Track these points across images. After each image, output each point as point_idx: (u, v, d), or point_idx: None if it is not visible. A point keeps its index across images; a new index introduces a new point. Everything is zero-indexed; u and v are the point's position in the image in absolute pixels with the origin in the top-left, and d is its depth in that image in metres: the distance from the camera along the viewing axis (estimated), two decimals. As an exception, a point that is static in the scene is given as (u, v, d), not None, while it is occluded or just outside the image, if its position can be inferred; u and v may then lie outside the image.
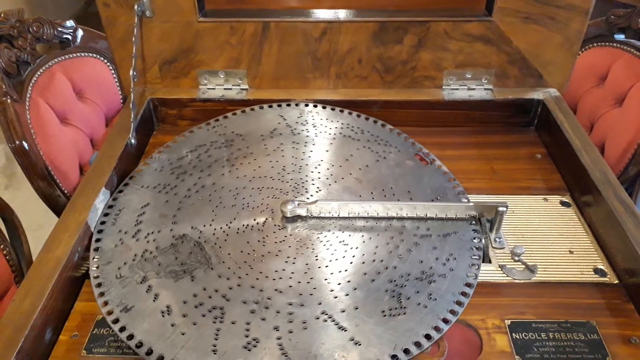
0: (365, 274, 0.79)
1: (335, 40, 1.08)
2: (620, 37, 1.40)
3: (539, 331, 0.75)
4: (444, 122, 1.12)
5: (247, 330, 0.70)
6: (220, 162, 0.99)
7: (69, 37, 1.48)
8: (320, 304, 0.74)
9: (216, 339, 0.69)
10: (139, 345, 0.69)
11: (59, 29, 1.46)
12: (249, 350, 0.68)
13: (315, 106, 1.10)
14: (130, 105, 1.01)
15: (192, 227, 0.86)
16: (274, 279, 0.78)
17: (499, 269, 0.83)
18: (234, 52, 1.09)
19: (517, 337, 0.74)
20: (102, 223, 0.87)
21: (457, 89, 1.13)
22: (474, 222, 0.86)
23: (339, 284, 0.77)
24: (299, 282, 0.78)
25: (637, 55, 1.36)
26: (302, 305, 0.74)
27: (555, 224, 0.91)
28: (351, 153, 1.01)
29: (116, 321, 0.72)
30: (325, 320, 0.72)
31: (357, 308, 0.73)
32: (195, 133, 1.05)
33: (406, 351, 0.67)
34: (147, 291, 0.76)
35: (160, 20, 1.05)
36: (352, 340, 0.69)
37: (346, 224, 0.88)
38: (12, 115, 1.27)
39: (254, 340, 0.69)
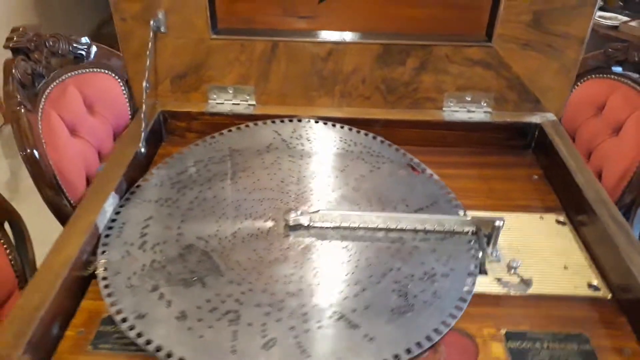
0: (371, 276, 0.82)
1: (340, 61, 1.13)
2: (618, 69, 1.44)
3: (533, 341, 0.76)
4: (443, 142, 1.16)
5: (264, 331, 0.73)
6: (220, 176, 1.02)
7: (83, 52, 1.53)
8: (331, 305, 0.77)
9: (234, 341, 0.71)
10: (159, 349, 0.70)
11: (74, 44, 1.51)
12: (268, 350, 0.70)
13: (308, 121, 1.15)
14: (142, 115, 1.05)
15: (197, 238, 0.88)
16: (284, 283, 0.81)
17: (496, 281, 0.86)
18: (243, 69, 1.14)
19: (513, 346, 0.76)
20: (107, 236, 0.88)
21: (457, 110, 1.17)
22: (471, 238, 0.89)
23: (348, 285, 0.80)
24: (309, 284, 0.81)
25: (634, 87, 1.41)
26: (315, 306, 0.77)
27: (551, 241, 0.94)
28: (346, 164, 1.06)
29: (132, 328, 0.73)
30: (339, 319, 0.75)
31: (367, 307, 0.77)
32: (192, 150, 1.09)
33: (419, 344, 0.71)
34: (159, 298, 0.77)
35: (174, 36, 1.10)
36: (366, 336, 0.72)
37: (347, 233, 0.91)
38: (25, 124, 1.31)
39: (272, 340, 0.71)
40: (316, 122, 1.15)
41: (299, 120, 1.15)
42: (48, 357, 0.73)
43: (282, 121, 1.15)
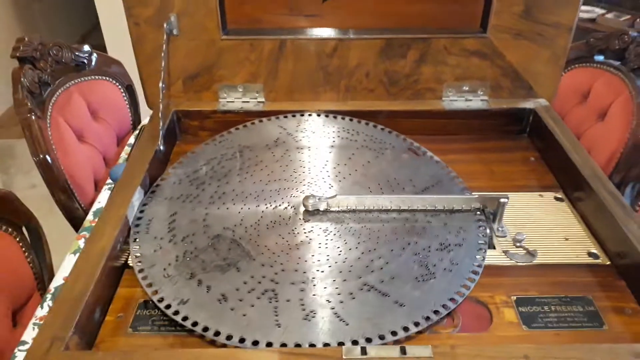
0: (392, 250, 0.89)
1: (345, 56, 1.19)
2: (600, 58, 1.52)
3: (542, 305, 0.83)
4: (445, 131, 1.23)
5: (302, 305, 0.79)
6: (234, 171, 1.08)
7: (85, 60, 1.57)
8: (360, 277, 0.84)
9: (277, 315, 0.77)
10: (206, 329, 0.75)
11: (77, 53, 1.55)
12: (309, 320, 0.76)
13: (310, 115, 1.21)
14: (159, 115, 1.10)
15: (224, 228, 0.93)
16: (313, 262, 0.87)
17: (503, 254, 0.92)
18: (253, 68, 1.19)
19: (523, 310, 0.82)
20: (137, 232, 0.92)
21: (456, 100, 1.24)
22: (479, 215, 0.96)
23: (372, 260, 0.87)
24: (336, 262, 0.87)
25: (616, 74, 1.49)
26: (345, 280, 0.83)
27: (551, 216, 1.01)
28: (352, 152, 1.12)
29: (176, 313, 0.78)
30: (369, 290, 0.82)
31: (393, 278, 0.83)
32: (204, 149, 1.13)
33: (444, 306, 0.79)
34: (198, 285, 0.82)
35: (186, 39, 1.15)
36: (397, 302, 0.79)
37: (363, 216, 0.97)
38: (36, 131, 1.35)
39: (312, 312, 0.78)
40: (318, 115, 1.21)
41: (302, 115, 1.21)
42: (92, 340, 0.78)
43: (285, 117, 1.21)
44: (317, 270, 0.85)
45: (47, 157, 1.35)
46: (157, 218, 0.95)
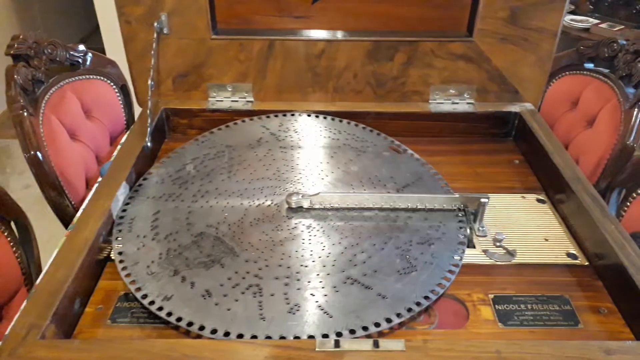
0: (374, 244, 0.90)
1: (333, 58, 1.20)
2: (590, 65, 1.54)
3: (518, 303, 0.84)
4: (431, 133, 1.24)
5: (287, 299, 0.80)
6: (218, 170, 1.08)
7: (80, 60, 1.58)
8: (343, 271, 0.85)
9: (261, 309, 0.78)
10: (190, 324, 0.76)
11: (71, 52, 1.56)
12: (294, 314, 0.77)
13: (292, 115, 1.22)
14: (148, 112, 1.11)
15: (207, 226, 0.94)
16: (297, 258, 0.88)
17: (483, 253, 0.93)
18: (242, 68, 1.21)
19: (500, 308, 0.83)
20: (119, 231, 0.92)
21: (442, 102, 1.25)
22: (459, 213, 0.97)
23: (355, 255, 0.89)
24: (319, 257, 0.88)
25: (605, 81, 1.50)
26: (329, 274, 0.85)
27: (532, 217, 1.02)
28: (334, 151, 1.14)
29: (160, 309, 0.78)
30: (352, 283, 0.83)
31: (375, 271, 0.85)
32: (186, 148, 1.14)
33: (426, 297, 0.81)
34: (182, 281, 0.83)
35: (176, 37, 1.16)
36: (379, 295, 0.81)
37: (345, 213, 0.98)
38: (28, 127, 1.36)
39: (296, 305, 0.79)
40: (300, 115, 1.22)
41: (284, 115, 1.23)
42: (71, 330, 0.78)
43: (267, 117, 1.22)
44: (301, 265, 0.86)
45: (38, 153, 1.36)
46: (139, 217, 0.96)
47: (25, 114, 1.37)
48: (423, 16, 1.18)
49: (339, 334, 0.74)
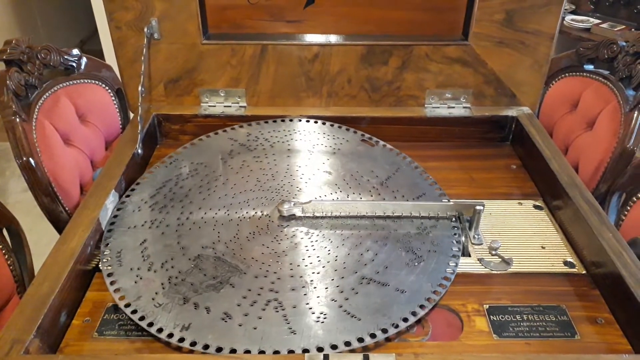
0: (377, 241, 0.91)
1: (327, 62, 1.19)
2: (590, 67, 1.52)
3: (514, 314, 0.82)
4: (426, 137, 1.22)
5: (310, 308, 0.79)
6: (195, 189, 1.04)
7: (74, 64, 1.56)
8: (356, 272, 0.85)
9: (288, 323, 0.76)
10: (219, 349, 0.72)
11: (65, 56, 1.55)
12: (323, 322, 0.76)
13: (258, 123, 1.20)
14: (138, 118, 1.10)
15: (202, 247, 0.90)
16: (306, 266, 0.87)
17: (478, 261, 0.91)
18: (234, 72, 1.19)
19: (495, 318, 0.81)
20: (109, 266, 0.86)
21: (438, 107, 1.23)
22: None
23: (361, 254, 0.90)
24: (328, 261, 0.88)
25: (605, 83, 1.48)
26: (343, 277, 0.85)
27: (529, 224, 1.00)
28: (310, 153, 1.13)
29: (182, 340, 0.74)
30: (369, 283, 0.84)
31: (386, 267, 0.87)
32: (155, 173, 1.08)
33: (441, 285, 0.83)
34: (195, 308, 0.79)
35: (167, 42, 1.15)
36: (398, 290, 0.82)
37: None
38: (20, 133, 1.34)
39: (322, 314, 0.78)
40: (266, 122, 1.20)
41: (249, 124, 1.20)
42: (57, 343, 0.77)
43: (232, 128, 1.19)
44: (313, 273, 0.85)
45: (31, 159, 1.34)
46: (126, 249, 0.90)
47: (18, 119, 1.35)
48: (417, 20, 1.16)
49: (372, 335, 0.75)
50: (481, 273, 0.89)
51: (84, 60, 1.59)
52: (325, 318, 0.77)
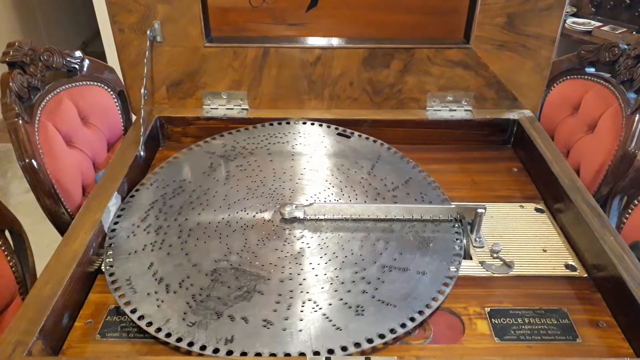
0: (383, 230, 0.96)
1: (328, 65, 1.19)
2: (591, 70, 1.52)
3: (515, 317, 0.82)
4: (428, 140, 1.22)
5: (346, 303, 0.81)
6: (186, 206, 1.01)
7: (76, 66, 1.57)
8: (375, 262, 0.89)
9: (330, 321, 0.78)
10: (273, 354, 0.73)
11: (68, 58, 1.56)
12: (363, 315, 0.79)
13: (230, 133, 1.20)
14: (141, 120, 1.10)
15: (215, 261, 0.89)
16: (326, 263, 0.89)
17: (479, 264, 0.91)
18: (236, 75, 1.20)
19: (496, 321, 0.81)
20: (121, 296, 0.82)
21: (440, 109, 1.23)
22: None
23: (373, 244, 0.93)
24: (345, 256, 0.90)
25: (606, 85, 1.48)
26: (365, 269, 0.87)
27: (530, 227, 1.00)
28: (291, 154, 1.14)
29: (230, 353, 0.73)
30: (391, 270, 0.87)
31: (401, 253, 0.90)
32: (137, 197, 1.03)
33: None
34: (231, 320, 0.78)
35: (170, 45, 1.15)
36: (419, 272, 0.86)
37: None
38: (23, 135, 1.35)
39: (359, 307, 0.80)
40: (238, 131, 1.20)
41: (222, 136, 1.19)
42: (59, 345, 0.77)
43: (206, 141, 1.18)
44: (335, 269, 0.87)
45: (33, 161, 1.35)
46: (135, 275, 0.86)
47: (20, 121, 1.36)
48: (419, 23, 1.16)
49: (412, 319, 0.78)
50: (483, 276, 0.89)
51: (86, 62, 1.60)
52: (363, 311, 0.80)
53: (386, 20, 1.16)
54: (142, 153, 1.09)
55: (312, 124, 1.21)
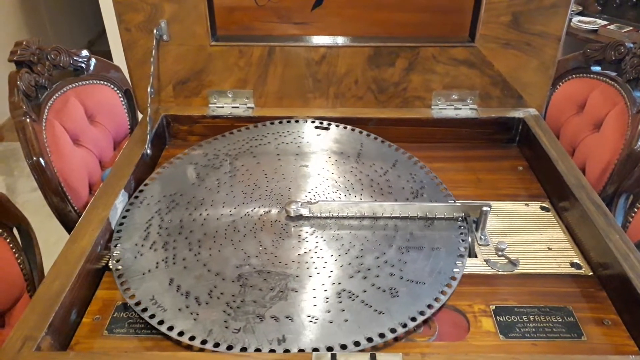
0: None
1: (334, 64, 1.19)
2: (597, 68, 1.51)
3: (520, 314, 0.82)
4: (433, 138, 1.23)
5: (379, 287, 0.84)
6: (187, 219, 0.98)
7: (83, 65, 1.58)
8: (392, 245, 0.92)
9: (370, 306, 0.81)
10: (330, 349, 0.74)
11: (75, 57, 1.56)
12: (397, 296, 0.82)
13: (215, 138, 1.19)
14: (147, 119, 1.11)
15: (236, 267, 0.88)
16: (346, 253, 0.91)
17: (484, 262, 0.91)
18: (242, 74, 1.20)
19: (501, 319, 0.81)
20: (152, 317, 0.79)
21: (445, 108, 1.24)
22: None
23: (384, 229, 0.96)
24: (362, 243, 0.93)
25: (612, 84, 1.48)
26: (384, 253, 0.91)
27: (536, 226, 1.00)
28: (277, 155, 1.15)
29: (287, 351, 0.74)
30: (408, 251, 0.91)
31: (412, 234, 0.95)
32: (129, 217, 0.99)
33: (429, 306, 0.82)
34: (276, 320, 0.78)
35: (176, 44, 1.16)
36: (433, 249, 0.91)
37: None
38: (30, 133, 1.36)
39: (392, 289, 0.84)
40: (215, 139, 1.19)
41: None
42: (67, 341, 0.78)
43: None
44: (357, 257, 0.90)
45: (41, 159, 1.36)
46: (158, 293, 0.84)
47: (28, 120, 1.37)
48: (424, 22, 1.16)
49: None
50: (488, 274, 0.90)
51: (93, 61, 1.61)
52: (397, 292, 0.83)
53: (391, 18, 1.16)
54: (148, 151, 1.09)
55: (272, 123, 1.22)
